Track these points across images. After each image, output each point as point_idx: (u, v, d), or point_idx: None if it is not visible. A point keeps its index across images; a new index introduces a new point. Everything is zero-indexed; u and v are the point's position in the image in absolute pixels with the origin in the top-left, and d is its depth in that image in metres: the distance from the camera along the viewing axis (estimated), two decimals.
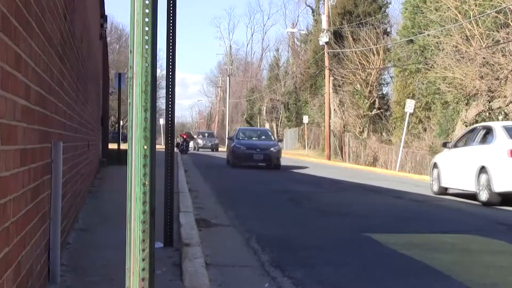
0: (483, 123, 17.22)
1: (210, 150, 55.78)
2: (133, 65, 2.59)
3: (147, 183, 2.57)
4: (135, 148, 2.56)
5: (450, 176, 15.44)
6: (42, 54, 4.21)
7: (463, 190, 15.04)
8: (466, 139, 15.56)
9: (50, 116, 4.75)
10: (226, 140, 44.70)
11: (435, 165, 16.63)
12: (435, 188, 16.37)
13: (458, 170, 14.99)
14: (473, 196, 14.11)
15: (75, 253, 6.21)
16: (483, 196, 13.50)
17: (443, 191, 16.05)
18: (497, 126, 14.35)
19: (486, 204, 13.36)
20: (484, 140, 14.38)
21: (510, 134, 13.53)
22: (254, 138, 28.33)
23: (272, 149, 25.91)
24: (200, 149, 55.46)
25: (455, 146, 15.86)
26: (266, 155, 25.63)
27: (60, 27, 5.38)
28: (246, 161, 25.28)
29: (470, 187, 14.20)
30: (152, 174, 2.60)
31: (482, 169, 13.60)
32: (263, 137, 28.78)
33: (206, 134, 62.59)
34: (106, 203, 10.29)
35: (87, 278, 5.21)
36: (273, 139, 28.78)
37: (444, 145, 16.99)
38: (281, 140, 31.18)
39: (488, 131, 14.46)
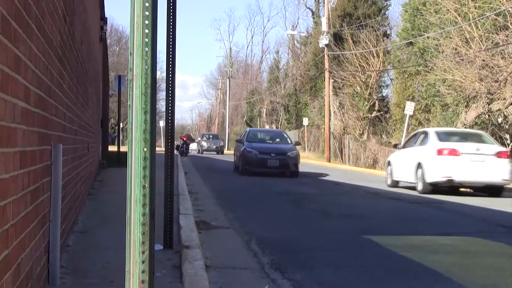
0: (423, 129, 20.90)
1: (215, 153, 53.09)
2: (133, 67, 2.59)
3: (147, 185, 2.57)
4: (135, 150, 2.56)
5: (399, 171, 18.79)
6: (42, 56, 4.21)
7: (408, 182, 18.02)
8: (410, 141, 19.06)
9: (49, 118, 4.74)
10: (224, 142, 43.88)
11: (389, 163, 20.02)
12: (389, 181, 19.66)
13: (404, 166, 18.34)
14: (414, 187, 17.33)
15: (75, 255, 6.21)
16: (419, 186, 16.95)
17: (395, 184, 19.29)
18: (431, 131, 18.17)
19: (421, 193, 16.65)
20: (422, 142, 17.79)
21: (440, 137, 17.18)
22: (267, 141, 24.70)
23: (289, 153, 22.28)
24: (204, 152, 53.07)
25: (404, 147, 19.33)
26: (283, 161, 22.01)
27: (60, 29, 5.39)
28: (258, 168, 21.79)
29: (412, 180, 17.53)
30: (152, 176, 2.60)
31: (419, 165, 16.91)
32: (277, 139, 25.14)
33: (211, 136, 59.47)
34: (105, 205, 10.28)
35: (86, 280, 5.20)
36: (289, 142, 24.74)
37: (395, 146, 21.10)
38: (298, 144, 26.58)
39: (425, 135, 18.01)
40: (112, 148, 33.20)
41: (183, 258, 5.95)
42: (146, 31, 2.59)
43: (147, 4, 2.60)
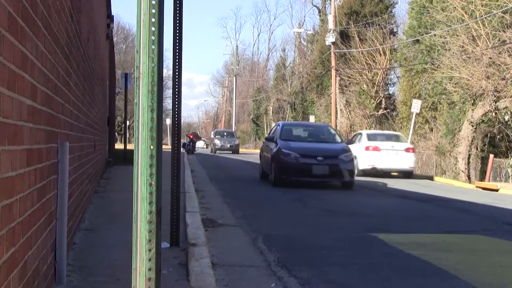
0: (360, 131, 28.14)
1: (231, 152, 47.68)
2: (139, 65, 2.59)
3: (153, 183, 2.57)
4: (142, 148, 2.56)
5: None
6: (49, 54, 4.22)
7: None
8: (353, 139, 25.43)
9: (56, 116, 4.75)
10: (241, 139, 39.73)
11: None
12: None
13: None
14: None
15: (81, 253, 6.22)
16: (359, 170, 23.87)
17: None
18: (364, 132, 25.62)
19: (357, 175, 21.31)
20: (358, 141, 24.67)
21: (369, 137, 24.43)
22: (309, 139, 18.31)
23: (342, 156, 16.42)
24: (217, 151, 48.00)
25: (348, 143, 22.64)
26: (334, 167, 16.17)
27: (66, 27, 5.39)
28: (299, 176, 16.11)
29: None
30: (159, 174, 2.60)
31: (355, 157, 20.72)
32: (322, 136, 18.70)
33: (225, 134, 52.44)
34: (112, 203, 10.30)
35: (93, 278, 5.21)
36: (338, 139, 18.48)
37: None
38: (351, 142, 21.25)
39: (361, 135, 25.25)
40: (118, 146, 33.26)
41: (190, 256, 5.95)
42: (153, 29, 2.59)
43: (153, 2, 2.60)
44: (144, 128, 2.56)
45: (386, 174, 23.76)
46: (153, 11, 2.59)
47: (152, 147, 2.56)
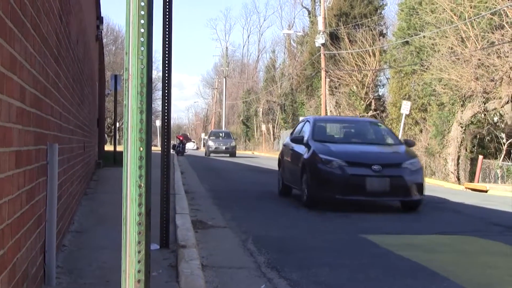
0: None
1: (228, 155, 42.99)
2: (128, 66, 2.59)
3: (142, 184, 2.56)
4: (131, 149, 2.56)
5: None
6: (38, 56, 4.20)
7: None
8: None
9: (45, 118, 4.74)
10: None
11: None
12: None
13: None
14: None
15: (71, 255, 6.20)
16: None
17: None
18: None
19: None
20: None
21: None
22: (354, 141, 13.48)
23: (406, 164, 11.84)
24: (211, 154, 43.49)
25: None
26: (398, 180, 11.49)
27: (55, 28, 5.38)
28: (348, 193, 11.39)
29: None
30: (148, 175, 2.59)
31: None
32: (370, 135, 13.88)
33: (221, 134, 47.51)
34: (102, 204, 10.27)
35: (82, 280, 5.20)
36: (394, 140, 13.58)
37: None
38: (411, 144, 13.48)
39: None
40: (108, 148, 33.17)
41: (180, 258, 5.95)
42: (142, 30, 2.59)
43: (142, 4, 2.59)
44: (133, 130, 2.56)
45: None
46: (142, 12, 2.59)
47: (141, 148, 2.56)
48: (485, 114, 26.49)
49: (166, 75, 6.90)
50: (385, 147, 13.08)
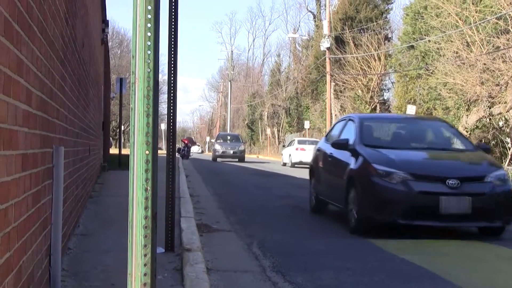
0: (294, 139, 41.34)
1: (237, 160, 40.82)
2: (135, 70, 2.59)
3: (149, 188, 2.57)
4: (137, 153, 2.56)
5: (286, 158, 37.89)
6: (44, 59, 4.22)
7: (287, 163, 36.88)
8: (290, 143, 38.57)
9: (51, 121, 4.75)
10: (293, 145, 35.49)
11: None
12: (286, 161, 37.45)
13: (286, 155, 37.84)
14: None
15: (76, 258, 6.21)
16: (289, 164, 36.07)
17: (293, 164, 35.69)
18: (296, 139, 38.26)
19: (290, 166, 35.50)
20: (291, 144, 37.54)
21: (298, 142, 36.94)
22: (414, 146, 10.43)
23: (491, 178, 9.10)
24: (218, 158, 41.32)
25: (288, 146, 34.95)
26: (481, 199, 8.83)
27: (62, 31, 5.39)
28: (415, 217, 8.76)
29: (287, 161, 37.10)
30: (154, 179, 2.60)
31: (290, 156, 36.05)
32: (436, 139, 11.11)
33: (229, 138, 43.86)
34: (107, 208, 10.28)
35: (88, 283, 5.20)
36: (464, 145, 10.65)
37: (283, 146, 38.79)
38: (487, 150, 10.49)
39: (293, 141, 37.95)
40: (113, 151, 33.21)
41: (185, 261, 5.95)
42: (149, 34, 2.59)
43: (149, 8, 2.60)
44: (139, 133, 2.56)
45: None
46: (149, 16, 2.60)
47: (147, 152, 2.56)
48: (490, 119, 26.44)
49: (172, 78, 6.91)
50: (458, 154, 10.17)
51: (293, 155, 35.80)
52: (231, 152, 40.41)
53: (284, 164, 37.22)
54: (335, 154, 10.67)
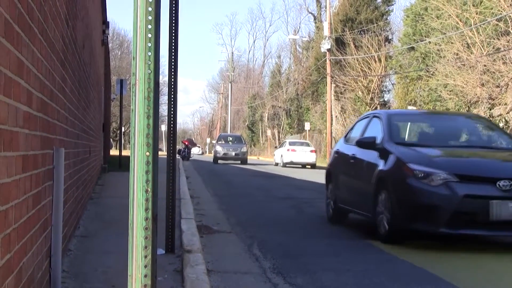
0: (285, 140, 43.72)
1: (239, 162, 38.79)
2: (136, 71, 2.59)
3: (149, 189, 2.57)
4: (138, 154, 2.56)
5: (278, 157, 40.23)
6: (45, 60, 4.22)
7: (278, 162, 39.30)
8: (281, 144, 40.10)
9: (52, 122, 4.75)
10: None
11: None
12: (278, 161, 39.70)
13: (278, 155, 40.13)
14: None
15: (77, 259, 6.21)
16: (280, 164, 38.24)
17: (285, 164, 37.57)
18: (287, 141, 40.57)
19: (282, 166, 37.37)
20: (282, 145, 39.90)
21: (289, 143, 39.10)
22: (453, 143, 9.42)
23: None
24: (220, 160, 39.16)
25: (279, 147, 35.97)
26: None
27: (62, 33, 5.39)
28: (462, 226, 7.65)
29: (279, 161, 39.13)
30: (155, 180, 2.60)
31: (281, 156, 38.24)
32: (477, 136, 9.98)
33: (230, 139, 41.29)
34: (107, 209, 10.28)
35: (88, 284, 5.20)
36: (505, 143, 9.44)
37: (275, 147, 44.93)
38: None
39: (284, 142, 40.32)
40: (113, 152, 33.22)
41: (185, 263, 5.95)
42: (149, 35, 2.59)
43: (150, 9, 2.60)
44: (140, 135, 2.56)
45: (300, 165, 38.02)
46: (150, 18, 2.60)
47: (148, 153, 2.56)
48: (490, 120, 26.44)
49: (172, 80, 6.91)
50: (506, 153, 8.87)
51: (284, 156, 37.86)
52: (233, 153, 38.44)
53: (276, 164, 39.54)
54: (359, 155, 9.47)
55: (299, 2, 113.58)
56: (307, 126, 48.24)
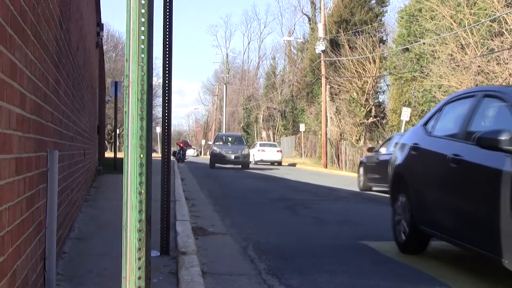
0: (256, 142, 52.27)
1: (240, 166, 33.13)
2: (129, 73, 2.59)
3: (143, 191, 2.56)
4: (131, 156, 2.56)
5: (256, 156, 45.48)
6: (38, 63, 4.21)
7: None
8: (253, 146, 44.39)
9: (45, 124, 4.74)
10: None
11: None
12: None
13: (251, 155, 40.02)
14: None
15: (71, 262, 6.19)
16: (252, 162, 40.94)
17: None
18: (257, 142, 50.91)
19: (254, 164, 42.73)
20: (255, 146, 47.87)
21: (260, 145, 47.42)
22: None
23: None
24: (217, 164, 33.25)
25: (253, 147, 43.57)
26: None
27: (56, 35, 5.39)
28: None
29: (251, 159, 39.79)
30: (148, 182, 2.59)
31: (253, 155, 43.05)
32: None
33: (230, 139, 36.09)
34: (102, 211, 10.27)
35: (83, 287, 5.19)
36: None
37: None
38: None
39: (256, 144, 47.63)
40: (108, 155, 33.18)
41: (180, 265, 5.94)
42: (142, 37, 2.59)
43: (143, 11, 2.60)
44: (133, 137, 2.56)
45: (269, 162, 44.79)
46: (143, 19, 2.59)
47: (141, 155, 2.56)
48: None
49: (167, 81, 6.91)
50: None
51: (256, 155, 45.42)
52: (233, 157, 32.43)
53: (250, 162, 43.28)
54: (471, 157, 6.13)
55: (293, 4, 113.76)
56: (302, 127, 48.26)
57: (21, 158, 3.58)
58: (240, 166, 33.10)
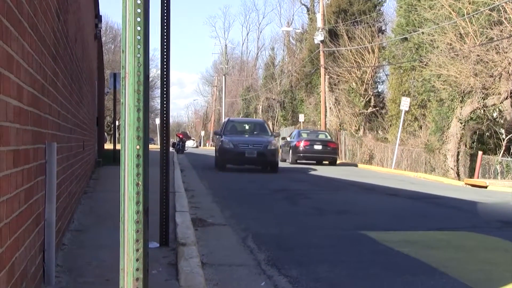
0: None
1: (268, 168, 22.50)
2: (125, 65, 2.58)
3: (140, 183, 2.56)
4: (128, 148, 2.56)
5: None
6: (35, 55, 4.20)
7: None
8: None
9: (43, 116, 4.73)
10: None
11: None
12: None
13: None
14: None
15: (70, 253, 6.20)
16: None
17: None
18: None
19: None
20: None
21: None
22: None
23: None
24: (228, 164, 22.43)
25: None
26: None
27: (53, 27, 5.37)
28: None
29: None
30: (145, 173, 2.59)
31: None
32: None
33: (246, 127, 24.76)
34: (101, 203, 10.27)
35: (82, 278, 5.19)
36: None
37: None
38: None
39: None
40: (108, 146, 33.17)
41: (179, 256, 5.94)
42: (138, 28, 2.58)
43: (139, 2, 2.59)
44: (130, 128, 2.56)
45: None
46: (139, 10, 2.59)
47: (138, 146, 2.56)
48: (484, 110, 26.49)
49: (165, 73, 6.89)
50: None
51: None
52: (255, 153, 21.70)
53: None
54: None
55: None
56: (301, 118, 48.22)
57: (18, 150, 3.57)
58: (267, 167, 22.61)
